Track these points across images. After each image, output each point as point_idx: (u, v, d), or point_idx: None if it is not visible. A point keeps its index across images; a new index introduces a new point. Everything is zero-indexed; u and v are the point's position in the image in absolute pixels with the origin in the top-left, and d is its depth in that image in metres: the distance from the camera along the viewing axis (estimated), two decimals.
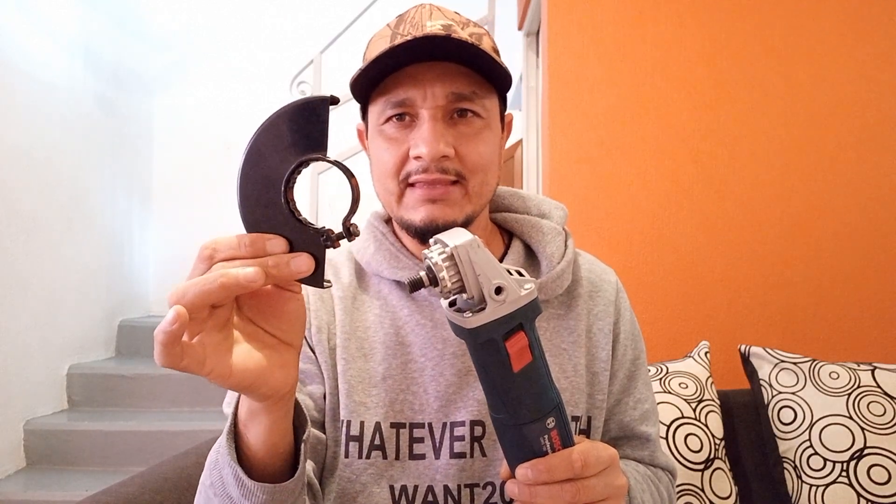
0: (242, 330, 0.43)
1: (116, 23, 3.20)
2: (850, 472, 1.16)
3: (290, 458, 0.51)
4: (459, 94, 0.62)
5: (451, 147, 0.62)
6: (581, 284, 0.74)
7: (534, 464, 0.49)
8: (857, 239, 1.61)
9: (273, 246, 0.41)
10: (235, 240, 0.41)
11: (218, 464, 0.51)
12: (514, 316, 0.46)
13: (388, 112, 0.63)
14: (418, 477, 0.66)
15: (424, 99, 0.62)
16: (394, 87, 0.63)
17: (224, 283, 0.38)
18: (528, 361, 0.47)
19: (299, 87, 2.73)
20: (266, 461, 0.49)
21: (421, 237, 0.64)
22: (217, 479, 0.51)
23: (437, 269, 0.45)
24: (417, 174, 0.62)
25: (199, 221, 3.50)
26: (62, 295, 2.67)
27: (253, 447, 0.49)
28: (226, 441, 0.49)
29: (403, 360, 0.68)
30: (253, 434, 0.48)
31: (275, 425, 0.48)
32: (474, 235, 0.46)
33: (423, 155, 0.61)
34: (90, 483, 2.15)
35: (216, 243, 0.41)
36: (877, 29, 1.65)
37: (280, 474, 0.50)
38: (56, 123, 2.66)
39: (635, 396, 0.74)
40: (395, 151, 0.63)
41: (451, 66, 0.62)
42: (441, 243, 0.47)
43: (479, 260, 0.45)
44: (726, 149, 1.64)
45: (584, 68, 1.66)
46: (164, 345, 0.37)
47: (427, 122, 0.61)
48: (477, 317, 0.45)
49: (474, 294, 0.46)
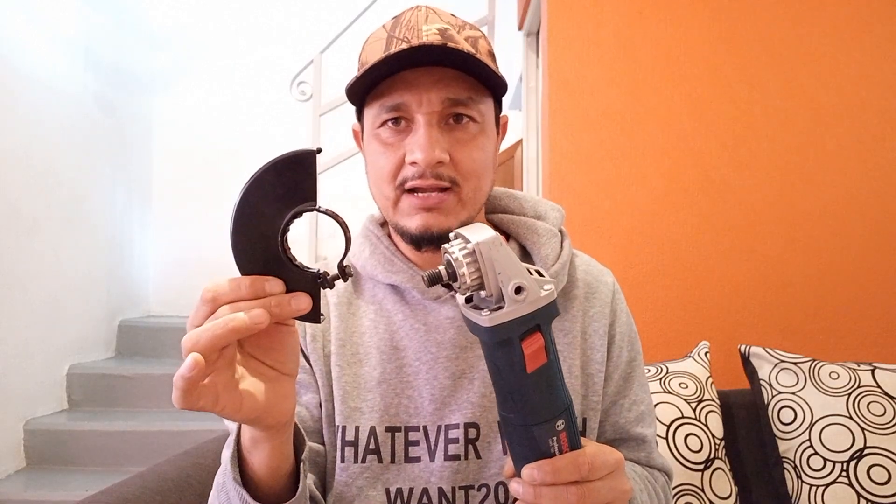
0: (245, 366, 0.46)
1: (116, 23, 3.19)
2: (850, 472, 1.16)
3: (292, 476, 0.54)
4: (455, 100, 0.62)
5: (447, 153, 0.62)
6: (577, 286, 0.74)
7: (540, 465, 0.49)
8: (857, 239, 1.61)
9: (271, 287, 0.43)
10: (235, 283, 0.43)
11: (225, 486, 0.54)
12: (533, 316, 0.46)
13: (384, 116, 0.63)
14: (413, 480, 0.66)
15: (420, 104, 0.62)
16: (389, 92, 0.62)
17: (234, 327, 0.41)
18: (543, 363, 0.47)
19: (299, 87, 2.73)
20: (270, 482, 0.52)
21: (416, 244, 0.65)
22: (224, 501, 0.54)
23: (458, 265, 0.45)
24: (413, 180, 0.62)
25: (199, 222, 3.51)
26: (62, 295, 2.66)
27: (257, 472, 0.52)
28: (230, 467, 0.52)
29: (398, 364, 0.68)
30: (257, 460, 0.51)
31: (277, 450, 0.51)
32: (496, 233, 0.46)
33: (419, 161, 0.61)
34: (90, 483, 2.15)
35: (218, 287, 0.43)
36: (877, 29, 1.65)
37: (283, 493, 0.53)
38: (56, 124, 2.66)
39: (631, 398, 0.74)
40: (391, 156, 0.63)
41: (447, 72, 0.62)
42: (462, 238, 0.46)
43: (501, 258, 0.45)
44: (726, 149, 1.64)
45: (584, 68, 1.66)
46: (185, 390, 0.40)
47: (423, 128, 0.61)
48: (495, 315, 0.45)
49: (493, 292, 0.45)
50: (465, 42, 0.62)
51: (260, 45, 3.59)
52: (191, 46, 3.60)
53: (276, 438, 0.50)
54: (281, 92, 3.00)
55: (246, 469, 0.52)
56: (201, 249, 3.41)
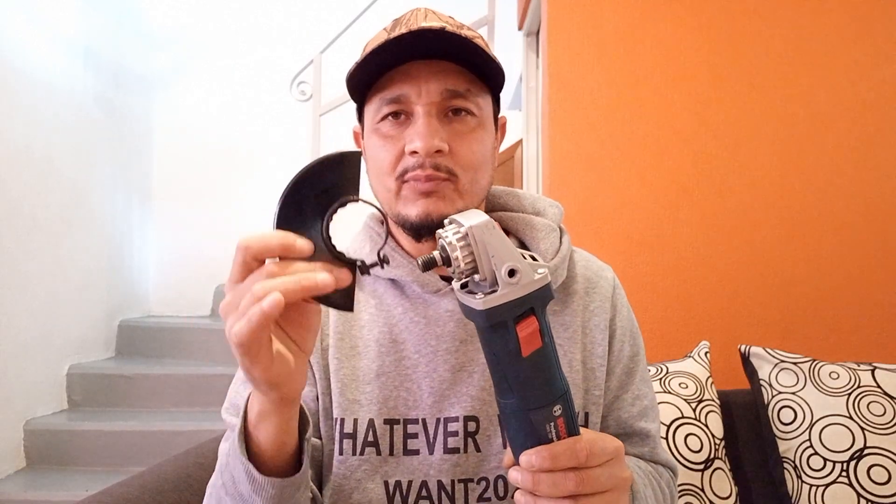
0: (275, 334, 0.47)
1: (116, 23, 3.19)
2: (850, 472, 1.16)
3: (295, 455, 0.55)
4: (454, 91, 0.63)
5: (446, 143, 0.63)
6: (576, 281, 0.74)
7: (538, 450, 0.49)
8: (857, 239, 1.61)
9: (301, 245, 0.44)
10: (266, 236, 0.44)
11: (228, 466, 0.55)
12: (527, 300, 0.46)
13: (384, 110, 0.64)
14: (412, 472, 0.66)
15: (419, 95, 0.63)
16: (389, 84, 0.64)
17: (306, 285, 0.43)
18: (538, 347, 0.47)
19: (299, 87, 2.73)
20: (274, 459, 0.53)
21: (416, 232, 0.66)
22: (228, 479, 0.56)
23: (451, 248, 0.46)
24: (413, 170, 0.63)
25: (199, 221, 3.50)
26: (62, 295, 2.66)
27: (263, 446, 0.52)
28: (237, 441, 0.53)
29: (397, 357, 0.69)
30: (263, 434, 0.52)
31: (284, 425, 0.52)
32: (489, 217, 0.46)
33: (419, 149, 0.62)
34: (90, 483, 2.15)
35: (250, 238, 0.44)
36: (877, 29, 1.65)
37: (286, 470, 0.54)
38: (56, 123, 2.66)
39: (633, 393, 0.74)
40: (391, 149, 0.64)
41: (446, 64, 0.63)
42: (456, 223, 0.47)
43: (494, 241, 0.45)
44: (726, 149, 1.64)
45: (584, 68, 1.66)
46: (261, 324, 0.41)
47: (422, 118, 0.62)
48: (489, 298, 0.45)
49: (487, 276, 0.46)
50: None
51: (260, 45, 3.59)
52: (191, 46, 3.60)
53: (285, 412, 0.51)
54: (281, 92, 3.01)
55: (251, 446, 0.53)
56: (201, 249, 3.42)
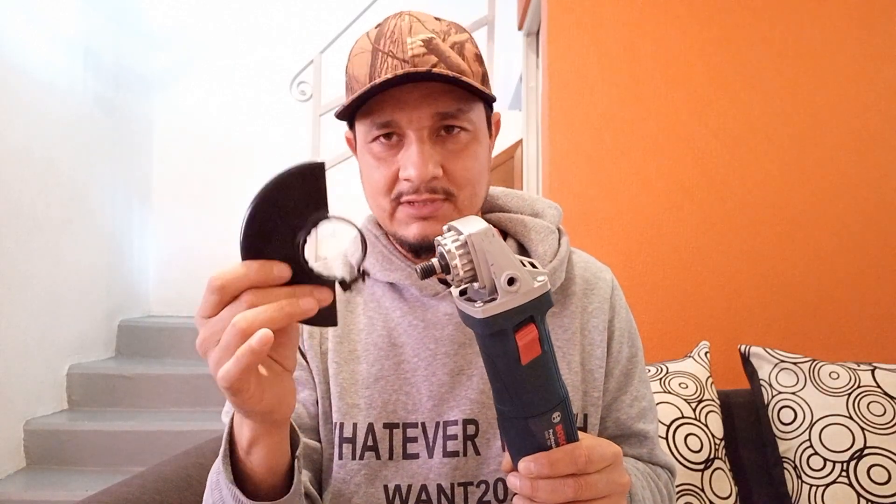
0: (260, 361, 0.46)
1: (116, 23, 3.19)
2: (850, 472, 1.16)
3: (288, 472, 0.54)
4: (445, 113, 0.62)
5: (440, 167, 0.62)
6: (575, 282, 0.74)
7: (537, 457, 0.49)
8: (857, 239, 1.61)
9: (280, 270, 0.43)
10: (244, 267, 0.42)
11: (218, 484, 0.54)
12: (526, 308, 0.46)
13: (375, 132, 0.63)
14: (412, 476, 0.66)
15: (410, 121, 0.61)
16: (378, 110, 0.62)
17: (289, 312, 0.42)
18: (538, 354, 0.47)
19: (299, 87, 2.73)
20: (266, 479, 0.52)
21: (414, 252, 0.66)
22: (218, 499, 0.54)
23: (451, 256, 0.45)
24: (409, 194, 0.63)
25: (199, 221, 3.51)
26: (62, 295, 2.66)
27: (256, 470, 0.52)
28: (222, 466, 0.52)
29: (396, 360, 0.69)
30: (256, 459, 0.51)
31: (276, 447, 0.51)
32: (488, 224, 0.46)
33: (412, 178, 0.61)
34: (90, 483, 2.15)
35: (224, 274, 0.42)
36: (877, 29, 1.65)
37: (280, 489, 0.53)
38: (56, 123, 2.66)
39: (632, 394, 0.74)
40: (384, 171, 0.63)
41: (435, 86, 0.61)
42: (455, 230, 0.47)
43: (493, 249, 0.45)
44: (726, 149, 1.64)
45: (584, 68, 1.66)
46: (250, 365, 0.41)
47: (415, 144, 0.61)
48: (488, 307, 0.45)
49: (486, 284, 0.45)
50: (451, 50, 0.62)
51: (260, 45, 3.59)
52: (191, 46, 3.60)
53: (276, 435, 0.50)
54: (281, 92, 3.00)
55: (243, 468, 0.52)
56: (201, 249, 3.42)
